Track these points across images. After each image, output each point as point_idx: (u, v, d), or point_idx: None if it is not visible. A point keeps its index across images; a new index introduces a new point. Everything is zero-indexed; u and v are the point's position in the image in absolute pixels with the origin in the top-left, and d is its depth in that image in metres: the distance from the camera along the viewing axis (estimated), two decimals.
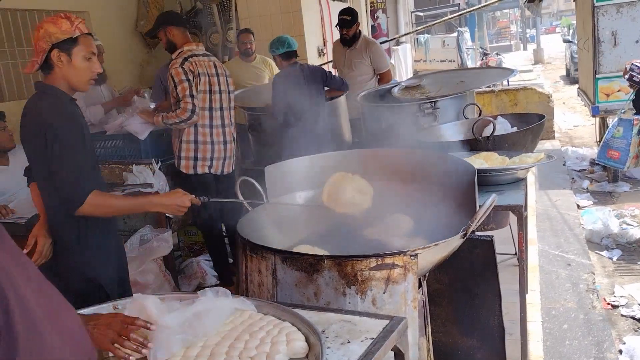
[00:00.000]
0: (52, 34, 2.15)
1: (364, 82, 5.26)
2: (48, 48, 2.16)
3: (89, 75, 2.24)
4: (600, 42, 5.79)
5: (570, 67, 15.28)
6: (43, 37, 2.16)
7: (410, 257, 1.58)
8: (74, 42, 2.18)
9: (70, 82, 2.23)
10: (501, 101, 8.37)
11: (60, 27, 2.16)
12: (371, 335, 1.32)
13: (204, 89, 3.64)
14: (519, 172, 2.74)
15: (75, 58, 2.19)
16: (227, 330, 1.26)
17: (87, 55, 2.21)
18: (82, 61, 2.20)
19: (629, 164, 4.63)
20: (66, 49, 2.17)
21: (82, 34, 2.20)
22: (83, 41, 2.20)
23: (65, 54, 2.17)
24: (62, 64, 2.18)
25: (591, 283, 3.87)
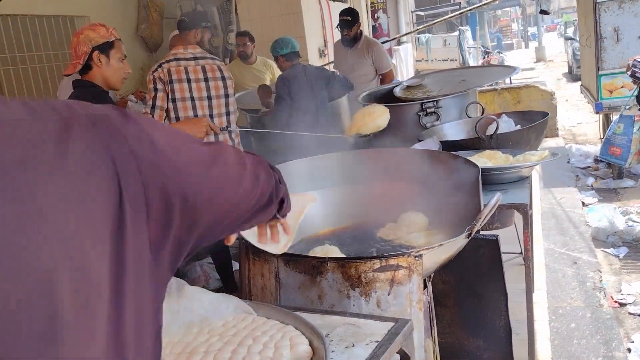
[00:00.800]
0: (92, 38, 2.49)
1: (366, 83, 5.24)
2: (89, 50, 2.48)
3: (122, 74, 2.61)
4: (603, 38, 5.76)
5: (572, 65, 15.24)
6: (84, 41, 2.49)
7: (414, 258, 1.56)
8: (110, 45, 2.54)
9: (107, 80, 2.56)
10: (504, 99, 8.34)
11: (99, 33, 2.51)
12: (376, 338, 1.29)
13: (181, 97, 3.41)
14: (523, 171, 2.71)
15: (112, 59, 2.55)
16: (230, 335, 1.24)
17: (121, 57, 2.58)
18: (117, 62, 2.56)
19: (630, 160, 4.61)
20: (105, 51, 2.52)
21: (116, 39, 2.58)
22: (117, 45, 2.58)
23: (104, 55, 2.52)
24: (101, 64, 2.52)
25: (598, 281, 3.84)
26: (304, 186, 2.37)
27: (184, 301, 1.26)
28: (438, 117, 3.80)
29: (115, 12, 6.35)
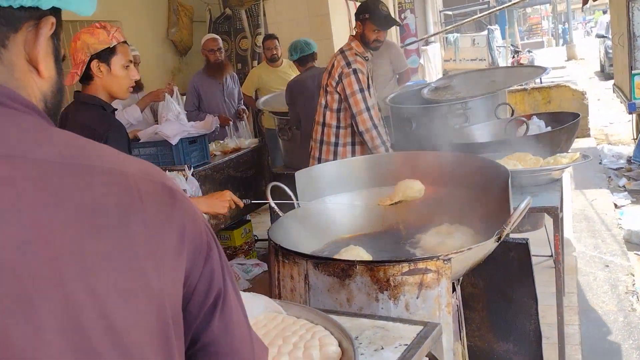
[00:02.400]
0: (90, 44, 2.16)
1: (385, 82, 5.30)
2: (87, 59, 2.16)
3: (128, 82, 2.27)
4: (636, 37, 5.65)
5: (604, 63, 14.94)
6: (81, 48, 2.17)
7: (443, 262, 1.56)
8: (112, 51, 2.19)
9: (111, 91, 2.25)
10: (534, 99, 8.23)
11: (98, 38, 2.17)
12: (405, 341, 1.31)
13: None
14: (553, 173, 2.68)
15: (115, 67, 2.20)
16: (261, 335, 1.27)
17: (125, 64, 2.23)
18: (121, 70, 2.22)
19: None
20: (105, 59, 2.18)
21: (119, 43, 2.21)
22: (120, 50, 2.22)
23: (105, 64, 2.19)
24: (102, 74, 2.19)
25: (630, 285, 3.77)
26: (333, 189, 2.39)
27: None
28: (467, 119, 3.79)
29: (145, 16, 6.46)
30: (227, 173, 4.33)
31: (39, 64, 0.64)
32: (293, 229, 2.16)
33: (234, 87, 5.43)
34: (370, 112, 3.28)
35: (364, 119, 3.27)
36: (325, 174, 2.43)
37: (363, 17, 3.37)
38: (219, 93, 5.27)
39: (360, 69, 3.32)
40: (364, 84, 3.31)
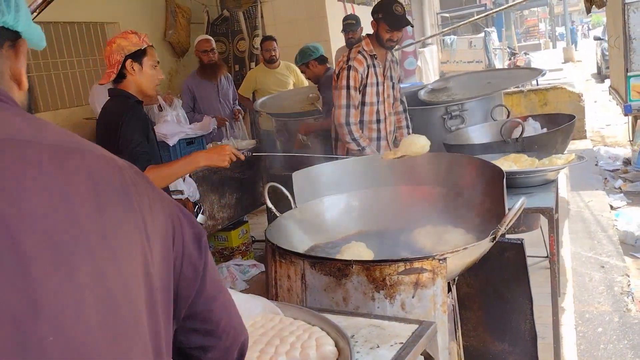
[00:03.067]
0: (125, 46, 2.47)
1: None
2: (122, 59, 2.47)
3: (155, 81, 2.59)
4: (632, 39, 5.68)
5: (601, 65, 15.00)
6: (116, 50, 2.47)
7: (438, 261, 1.58)
8: (143, 52, 2.51)
9: (141, 88, 2.55)
10: (530, 101, 8.26)
11: (131, 41, 2.49)
12: (400, 340, 1.32)
13: None
14: (549, 174, 2.70)
15: (145, 66, 2.52)
16: (259, 335, 1.28)
17: (154, 64, 2.56)
18: (150, 69, 2.54)
19: None
20: (138, 59, 2.50)
21: (148, 46, 2.55)
22: (150, 52, 2.55)
23: (137, 63, 2.50)
24: (135, 72, 2.50)
25: (626, 285, 3.79)
26: (330, 189, 2.40)
27: None
28: (463, 120, 3.81)
29: (143, 18, 6.47)
30: (225, 174, 4.34)
31: (21, 77, 0.76)
32: (290, 229, 2.17)
33: (229, 88, 5.44)
34: (348, 109, 3.37)
35: (340, 113, 3.38)
36: (323, 175, 2.44)
37: (377, 16, 3.44)
38: (214, 94, 5.29)
39: (356, 67, 3.38)
40: (355, 81, 3.38)
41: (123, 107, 2.47)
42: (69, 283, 0.58)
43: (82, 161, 0.65)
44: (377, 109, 3.53)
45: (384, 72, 3.55)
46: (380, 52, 3.50)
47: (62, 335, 0.56)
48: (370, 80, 3.46)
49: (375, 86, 3.50)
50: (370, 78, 3.47)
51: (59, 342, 0.56)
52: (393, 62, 3.65)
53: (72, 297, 0.57)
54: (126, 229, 0.65)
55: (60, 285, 0.57)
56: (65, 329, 0.56)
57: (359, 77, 3.40)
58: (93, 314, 0.59)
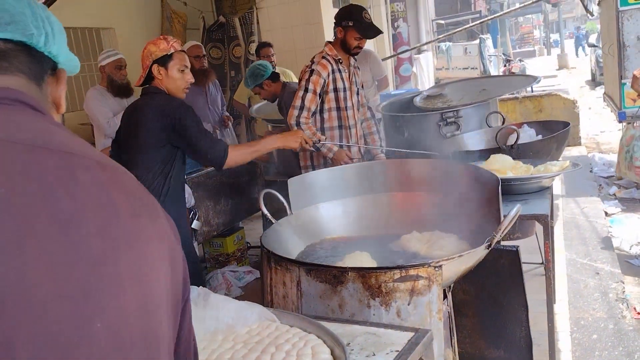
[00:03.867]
0: (153, 52, 2.66)
1: (366, 89, 5.37)
2: (150, 64, 2.66)
3: (183, 84, 2.73)
4: (626, 46, 5.72)
5: (595, 72, 15.09)
6: (146, 56, 2.67)
7: (434, 269, 1.58)
8: (169, 57, 2.67)
9: (168, 90, 2.70)
10: (525, 108, 8.29)
11: (159, 47, 2.66)
12: (396, 347, 1.32)
13: None
14: (544, 181, 2.71)
15: (171, 70, 2.68)
16: (254, 343, 1.28)
17: (181, 68, 2.70)
18: (176, 73, 2.69)
19: None
20: (164, 64, 2.66)
21: (176, 51, 2.69)
22: (177, 56, 2.69)
23: (163, 68, 2.66)
24: (161, 75, 2.67)
25: (620, 292, 3.80)
26: (325, 196, 2.40)
27: (209, 310, 1.30)
28: (458, 127, 3.82)
29: (139, 24, 6.48)
30: (220, 180, 4.33)
31: (60, 101, 0.85)
32: (285, 236, 2.17)
33: (217, 94, 5.44)
34: (300, 111, 3.40)
35: (291, 114, 3.43)
36: (318, 181, 2.44)
37: (346, 23, 3.43)
38: (203, 100, 5.27)
39: (319, 71, 3.41)
40: (314, 85, 3.41)
41: (170, 103, 2.62)
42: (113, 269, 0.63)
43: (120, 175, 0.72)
44: (347, 115, 3.56)
45: (349, 78, 3.58)
46: (345, 58, 3.52)
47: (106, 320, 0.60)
48: (337, 85, 3.49)
49: (343, 91, 3.52)
50: (338, 83, 3.49)
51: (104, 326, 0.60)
52: (356, 68, 3.68)
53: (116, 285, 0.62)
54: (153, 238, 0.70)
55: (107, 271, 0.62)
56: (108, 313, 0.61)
57: (320, 81, 3.41)
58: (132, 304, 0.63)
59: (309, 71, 3.44)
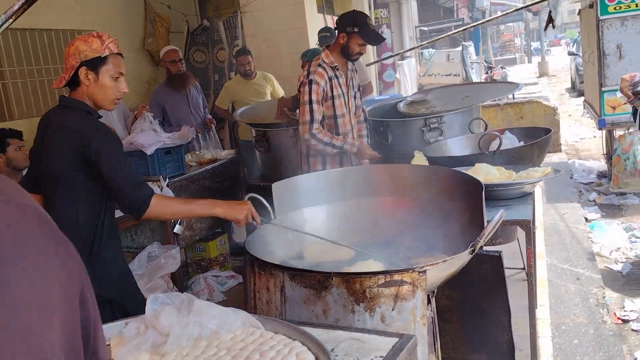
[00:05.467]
0: (82, 51, 2.18)
1: None
2: (77, 65, 2.19)
3: (115, 94, 2.28)
4: (606, 55, 5.80)
5: (575, 80, 15.30)
6: (73, 54, 2.19)
7: (418, 274, 1.58)
8: (102, 61, 2.20)
9: (96, 100, 2.26)
10: (507, 114, 8.37)
11: (91, 46, 2.19)
12: (381, 353, 1.31)
13: None
14: (526, 187, 2.73)
15: (102, 77, 2.22)
16: (238, 349, 1.26)
17: (115, 75, 2.25)
18: (109, 80, 2.23)
19: None
20: (94, 67, 2.20)
21: (112, 54, 2.23)
22: (112, 61, 2.23)
23: (93, 72, 2.20)
24: (89, 81, 2.21)
25: (601, 297, 3.84)
26: (310, 201, 2.40)
27: (193, 315, 1.28)
28: (441, 133, 3.84)
29: (121, 26, 6.42)
30: (203, 184, 4.31)
31: None
32: (269, 240, 2.16)
33: (199, 97, 5.42)
34: (311, 124, 3.37)
35: (304, 130, 3.39)
36: (302, 186, 2.43)
37: (351, 29, 3.41)
38: (184, 104, 5.25)
39: (316, 80, 3.39)
40: (317, 95, 3.39)
41: (89, 126, 2.21)
42: None
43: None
44: (346, 120, 3.56)
45: (347, 82, 3.58)
46: (342, 63, 3.51)
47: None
48: (335, 92, 3.47)
49: (341, 97, 3.52)
50: (335, 90, 3.48)
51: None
52: (353, 71, 3.67)
53: None
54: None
55: None
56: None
57: (320, 91, 3.40)
58: None
59: (307, 82, 3.39)
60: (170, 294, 1.41)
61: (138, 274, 3.40)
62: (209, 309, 1.32)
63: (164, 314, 1.31)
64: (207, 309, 1.31)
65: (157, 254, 3.52)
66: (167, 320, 1.30)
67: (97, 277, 2.31)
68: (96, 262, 2.30)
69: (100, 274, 2.29)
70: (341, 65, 3.52)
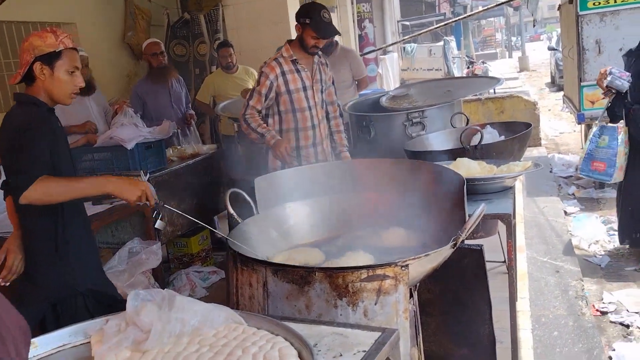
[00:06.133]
0: (37, 46, 2.22)
1: (345, 89, 5.40)
2: (31, 60, 2.22)
3: (70, 89, 2.30)
4: (585, 50, 5.86)
5: (555, 75, 15.47)
6: (27, 49, 2.22)
7: (401, 268, 1.58)
8: (57, 55, 2.24)
9: (52, 95, 2.29)
10: (488, 109, 8.44)
11: (45, 41, 2.22)
12: (363, 347, 1.31)
13: None
14: (506, 181, 2.76)
15: (58, 71, 2.25)
16: (221, 346, 1.26)
17: (70, 69, 2.28)
18: (64, 74, 2.26)
19: (616, 176, 4.29)
20: (49, 62, 2.23)
21: (67, 48, 2.26)
22: (67, 55, 2.26)
23: (48, 67, 2.24)
24: (44, 76, 2.24)
25: (580, 289, 3.90)
26: (292, 196, 2.39)
27: (175, 312, 1.27)
28: (424, 127, 3.85)
29: (101, 19, 6.34)
30: (185, 179, 4.27)
31: None
32: (252, 235, 2.15)
33: (181, 91, 5.36)
34: (246, 109, 3.42)
35: (242, 109, 3.47)
36: (285, 181, 2.43)
37: (303, 21, 3.35)
38: (166, 98, 5.19)
39: (266, 73, 3.41)
40: (261, 86, 3.41)
41: (29, 118, 2.21)
42: None
43: None
44: (309, 115, 3.49)
45: (312, 76, 3.50)
46: (304, 56, 3.45)
47: None
48: (295, 86, 3.43)
49: (302, 91, 3.46)
50: (295, 83, 3.43)
51: None
52: (322, 64, 3.59)
53: None
54: None
55: None
56: None
57: (267, 83, 3.40)
58: None
59: (259, 72, 3.46)
60: (151, 290, 1.40)
61: (119, 270, 3.37)
62: (191, 305, 1.31)
63: (145, 310, 1.30)
64: (189, 305, 1.30)
65: (138, 250, 3.49)
66: (148, 316, 1.28)
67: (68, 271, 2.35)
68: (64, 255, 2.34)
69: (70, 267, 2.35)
70: (304, 59, 3.45)
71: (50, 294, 2.34)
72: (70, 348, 1.41)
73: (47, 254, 2.33)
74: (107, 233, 3.92)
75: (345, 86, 5.42)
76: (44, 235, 2.32)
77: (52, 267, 2.34)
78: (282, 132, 3.50)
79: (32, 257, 2.37)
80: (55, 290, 2.35)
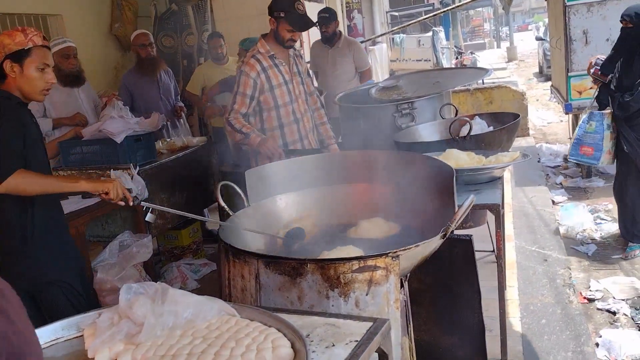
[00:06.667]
0: (6, 45, 2.29)
1: (348, 80, 5.41)
2: (1, 59, 2.30)
3: (41, 85, 2.37)
4: (572, 40, 5.90)
5: (543, 65, 15.54)
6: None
7: (391, 259, 1.60)
8: (26, 53, 2.31)
9: (23, 92, 2.35)
10: (476, 99, 8.47)
11: (14, 39, 2.30)
12: (355, 337, 1.33)
13: None
14: (495, 171, 2.78)
15: (27, 69, 2.32)
16: (214, 338, 1.27)
17: (40, 66, 2.34)
18: (34, 71, 2.33)
19: (603, 159, 4.43)
20: (18, 60, 2.30)
21: (36, 46, 2.33)
22: (36, 53, 2.33)
23: (17, 65, 2.30)
24: (15, 74, 2.31)
25: (567, 278, 3.95)
26: (283, 187, 2.40)
27: (167, 305, 1.28)
28: (413, 119, 3.86)
29: (88, 11, 6.27)
30: (175, 172, 4.26)
31: None
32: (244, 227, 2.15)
33: (170, 83, 5.33)
34: (230, 113, 3.34)
35: (226, 110, 3.41)
36: (276, 173, 2.43)
37: (277, 14, 3.27)
38: (155, 90, 5.15)
39: (246, 72, 3.30)
40: (244, 86, 3.31)
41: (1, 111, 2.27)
42: None
43: None
44: (292, 109, 3.44)
45: (290, 69, 3.45)
46: (280, 50, 3.38)
47: None
48: (276, 82, 3.36)
49: (284, 85, 3.39)
50: (275, 79, 3.36)
51: None
52: (297, 56, 3.55)
53: None
54: None
55: None
56: None
57: (250, 83, 3.30)
58: None
59: (239, 72, 3.33)
60: (143, 283, 1.40)
61: (110, 263, 3.37)
62: (183, 298, 1.32)
63: (137, 303, 1.31)
64: (181, 298, 1.31)
65: (128, 243, 3.48)
66: (141, 309, 1.29)
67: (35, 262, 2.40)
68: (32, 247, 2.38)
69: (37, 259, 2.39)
70: (280, 53, 3.38)
71: (23, 286, 2.37)
72: (63, 342, 1.42)
73: (14, 245, 2.38)
74: (98, 226, 3.91)
75: (347, 78, 5.43)
76: (12, 227, 2.37)
77: (22, 259, 2.38)
78: (266, 131, 3.43)
79: (1, 249, 2.42)
80: (27, 282, 2.40)
